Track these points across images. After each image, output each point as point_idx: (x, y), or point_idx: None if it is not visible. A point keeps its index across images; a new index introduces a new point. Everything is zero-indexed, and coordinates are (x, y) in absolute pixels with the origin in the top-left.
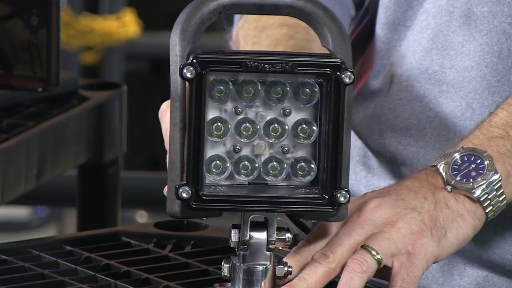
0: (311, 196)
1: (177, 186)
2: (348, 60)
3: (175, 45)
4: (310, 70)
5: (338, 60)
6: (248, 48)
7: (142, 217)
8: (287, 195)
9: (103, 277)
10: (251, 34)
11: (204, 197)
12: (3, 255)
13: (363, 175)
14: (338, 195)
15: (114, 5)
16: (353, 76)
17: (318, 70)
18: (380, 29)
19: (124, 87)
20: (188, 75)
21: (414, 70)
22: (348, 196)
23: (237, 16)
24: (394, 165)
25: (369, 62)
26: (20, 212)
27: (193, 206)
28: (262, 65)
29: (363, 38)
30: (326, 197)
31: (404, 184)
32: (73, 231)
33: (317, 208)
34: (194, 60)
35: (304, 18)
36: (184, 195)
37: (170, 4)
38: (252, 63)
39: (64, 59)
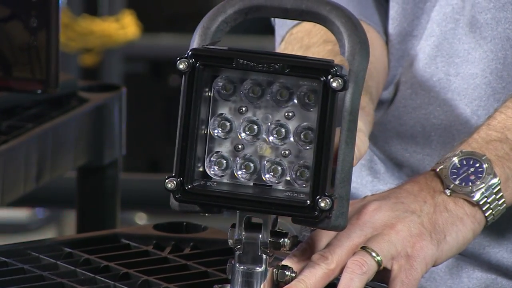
0: (296, 200)
1: (166, 177)
2: (361, 70)
3: (194, 40)
4: (300, 73)
5: (330, 65)
6: None
7: (141, 219)
8: (271, 197)
9: (102, 279)
10: (297, 53)
11: (188, 190)
12: (2, 257)
13: (369, 179)
14: (320, 200)
15: (114, 7)
16: (343, 83)
17: (307, 73)
18: (388, 40)
19: (124, 89)
20: (181, 67)
21: (419, 78)
22: (330, 203)
23: (277, 41)
24: (401, 171)
25: None
26: (19, 214)
27: (177, 197)
28: (253, 63)
29: None
30: (308, 202)
31: (404, 187)
32: (72, 233)
33: (299, 213)
34: (189, 53)
35: (327, 25)
36: (169, 185)
37: (169, 6)
38: (243, 60)
39: (64, 61)
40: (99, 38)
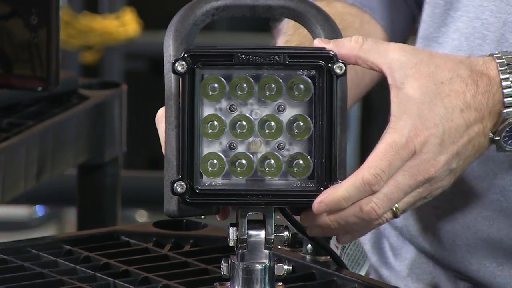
0: (307, 189)
1: (172, 182)
2: None
3: (169, 45)
4: (302, 62)
5: (330, 52)
6: None
7: (141, 216)
8: (283, 189)
9: (102, 276)
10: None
11: (198, 191)
12: (2, 254)
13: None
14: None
15: (114, 4)
16: (344, 67)
17: (310, 61)
18: (418, 43)
19: (124, 86)
20: (180, 69)
21: None
22: None
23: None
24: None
25: None
26: (19, 211)
27: (188, 200)
28: (253, 58)
29: None
30: (322, 189)
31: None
32: (72, 230)
33: (313, 201)
34: (186, 55)
35: (297, 18)
36: (179, 189)
37: (170, 3)
38: (243, 56)
39: (64, 58)
40: (100, 36)
